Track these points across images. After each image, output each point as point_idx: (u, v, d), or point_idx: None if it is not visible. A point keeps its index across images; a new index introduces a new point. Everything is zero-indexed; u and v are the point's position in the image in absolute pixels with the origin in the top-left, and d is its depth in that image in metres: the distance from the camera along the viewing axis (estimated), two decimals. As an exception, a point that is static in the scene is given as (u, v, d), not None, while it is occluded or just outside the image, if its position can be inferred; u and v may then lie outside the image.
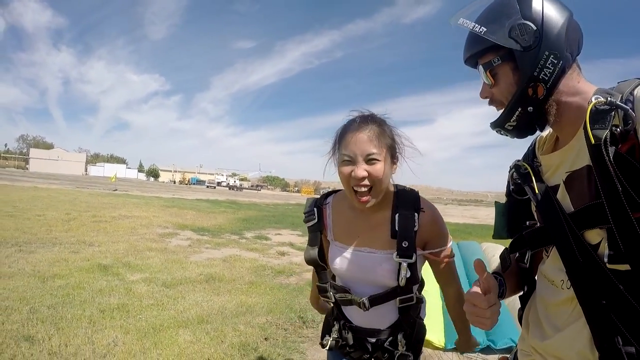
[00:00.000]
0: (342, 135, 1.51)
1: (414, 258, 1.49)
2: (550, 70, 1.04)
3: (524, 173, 1.23)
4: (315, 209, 1.70)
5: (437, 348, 3.34)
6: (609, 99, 0.96)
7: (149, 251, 8.15)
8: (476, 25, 1.09)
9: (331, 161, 1.60)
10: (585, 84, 1.10)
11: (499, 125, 1.16)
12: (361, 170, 1.43)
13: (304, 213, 1.73)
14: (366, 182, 1.44)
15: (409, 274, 1.49)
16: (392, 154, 1.53)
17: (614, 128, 0.93)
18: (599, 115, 0.96)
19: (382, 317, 1.65)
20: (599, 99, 0.97)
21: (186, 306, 4.99)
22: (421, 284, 1.72)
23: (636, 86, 0.96)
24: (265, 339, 4.18)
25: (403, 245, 1.49)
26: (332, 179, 1.72)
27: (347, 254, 1.61)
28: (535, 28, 1.04)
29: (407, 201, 1.56)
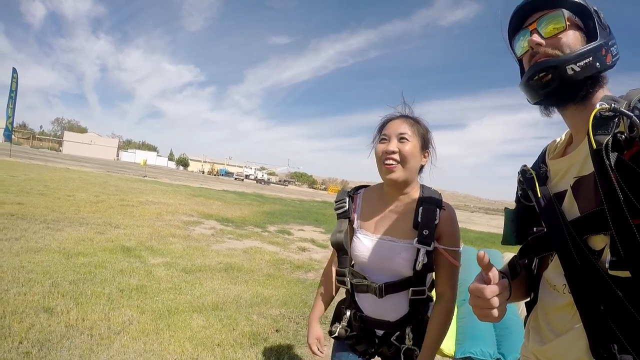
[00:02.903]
0: (383, 124, 1.75)
1: (432, 246, 1.62)
2: (615, 53, 1.07)
3: (529, 178, 1.23)
4: (347, 198, 1.85)
5: (446, 356, 3.32)
6: (613, 105, 0.95)
7: (172, 237, 8.28)
8: None
9: (372, 148, 1.80)
10: (606, 90, 1.11)
11: (564, 61, 1.05)
12: (393, 145, 1.64)
13: (335, 202, 1.86)
14: (396, 156, 1.64)
15: (425, 260, 1.61)
16: (423, 144, 1.72)
17: (618, 135, 0.92)
18: (602, 122, 0.96)
19: (393, 308, 1.73)
20: (603, 106, 0.97)
21: (203, 292, 5.07)
22: (432, 283, 1.78)
23: None
24: (277, 330, 4.21)
25: (424, 233, 1.62)
26: (361, 178, 1.84)
27: (370, 241, 1.73)
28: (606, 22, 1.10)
29: (431, 198, 1.71)
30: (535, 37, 1.11)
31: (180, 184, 26.78)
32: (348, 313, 1.81)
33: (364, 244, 1.73)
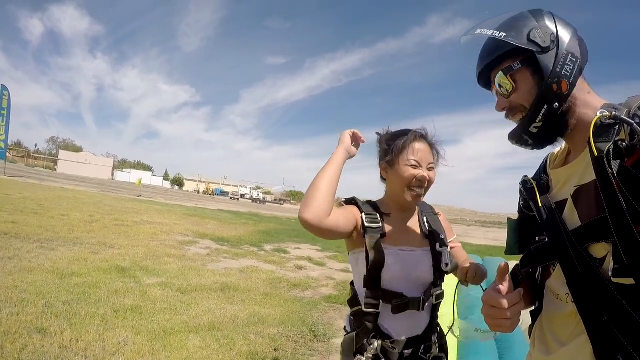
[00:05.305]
0: (405, 143, 1.71)
1: (449, 248, 1.77)
2: (571, 67, 1.07)
3: (529, 188, 1.24)
4: (377, 212, 1.74)
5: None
6: (613, 113, 0.97)
7: (167, 257, 8.21)
8: (495, 31, 1.13)
9: (383, 159, 1.80)
10: (595, 97, 1.12)
11: (523, 128, 1.14)
12: (425, 173, 1.69)
13: (367, 214, 1.70)
14: (424, 184, 1.70)
15: (450, 260, 1.71)
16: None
17: (619, 142, 0.93)
18: (603, 129, 0.97)
19: (419, 322, 1.71)
20: (604, 113, 0.98)
21: (199, 312, 5.00)
22: None
23: None
24: (275, 349, 4.15)
25: (441, 237, 1.76)
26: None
27: (395, 255, 1.67)
28: (552, 31, 1.09)
29: (427, 207, 1.90)
30: (498, 105, 1.21)
31: (175, 204, 26.72)
32: (376, 344, 1.62)
33: (391, 256, 1.64)
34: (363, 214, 1.69)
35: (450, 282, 1.88)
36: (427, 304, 1.70)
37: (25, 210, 11.32)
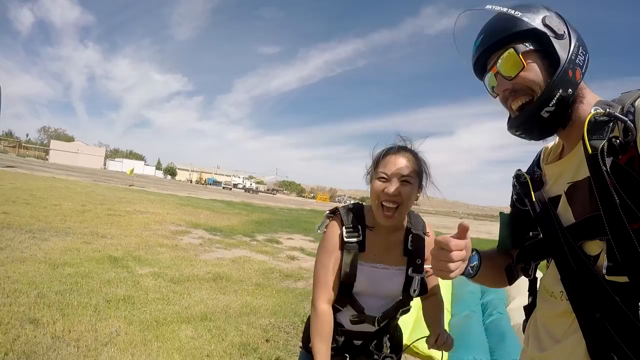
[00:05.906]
0: (383, 156, 1.63)
1: (423, 273, 1.69)
2: (583, 59, 1.06)
3: (523, 182, 1.23)
4: (359, 226, 1.68)
5: (437, 362, 3.33)
6: (607, 110, 0.96)
7: (160, 247, 8.22)
8: (510, 9, 1.09)
9: (367, 176, 1.73)
10: (589, 93, 1.11)
11: (535, 111, 1.07)
12: (394, 187, 1.56)
13: (347, 227, 1.66)
14: (396, 199, 1.57)
15: (419, 287, 1.68)
16: (420, 183, 1.65)
17: (613, 139, 0.92)
18: (597, 126, 0.96)
19: (371, 326, 1.73)
20: (598, 111, 0.98)
21: (191, 302, 5.03)
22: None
23: (637, 97, 0.96)
24: (267, 340, 4.18)
25: (417, 262, 1.68)
26: (349, 187, 1.78)
27: (367, 270, 1.67)
28: (562, 22, 1.07)
29: (417, 225, 1.76)
30: (499, 86, 1.15)
31: (167, 193, 26.58)
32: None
33: (363, 272, 1.65)
34: (343, 227, 1.66)
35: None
36: (385, 321, 1.71)
37: (17, 201, 11.26)
